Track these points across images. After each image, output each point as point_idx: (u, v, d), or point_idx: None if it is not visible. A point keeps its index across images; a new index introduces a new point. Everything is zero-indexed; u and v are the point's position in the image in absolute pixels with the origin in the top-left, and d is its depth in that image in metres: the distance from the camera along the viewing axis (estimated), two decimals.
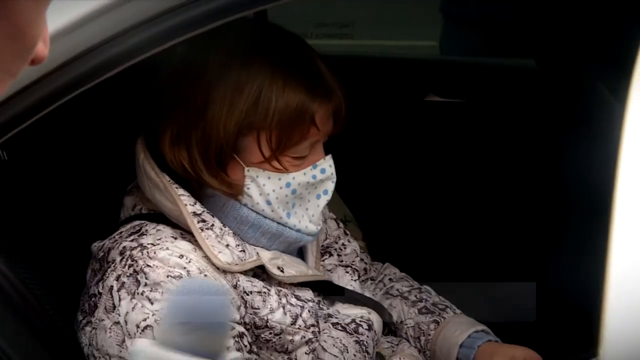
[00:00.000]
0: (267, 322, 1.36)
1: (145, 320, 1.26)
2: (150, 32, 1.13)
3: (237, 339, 1.30)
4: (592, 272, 0.92)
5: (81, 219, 1.55)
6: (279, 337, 1.37)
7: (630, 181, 0.87)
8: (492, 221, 2.27)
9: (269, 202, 1.38)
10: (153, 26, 1.13)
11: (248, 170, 1.36)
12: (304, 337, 1.39)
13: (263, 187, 1.37)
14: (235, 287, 1.34)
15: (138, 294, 1.27)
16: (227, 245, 1.35)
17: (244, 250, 1.36)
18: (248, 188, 1.37)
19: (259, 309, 1.35)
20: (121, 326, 1.28)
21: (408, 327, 1.64)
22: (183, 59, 1.38)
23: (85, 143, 1.61)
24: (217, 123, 1.32)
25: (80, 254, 1.43)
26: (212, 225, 1.35)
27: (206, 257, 1.32)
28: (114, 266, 1.31)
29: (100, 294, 1.31)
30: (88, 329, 1.32)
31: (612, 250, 0.81)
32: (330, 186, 1.42)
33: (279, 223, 1.40)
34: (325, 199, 1.42)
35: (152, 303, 1.27)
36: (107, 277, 1.31)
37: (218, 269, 1.32)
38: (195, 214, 1.35)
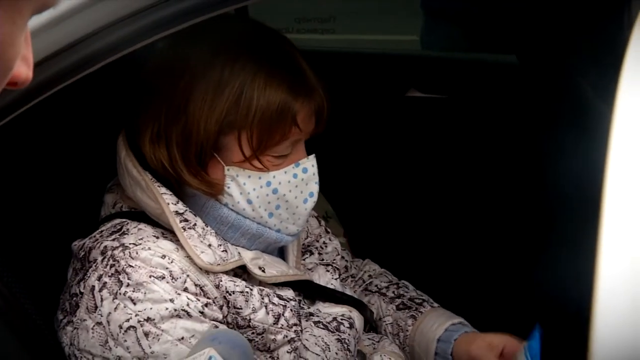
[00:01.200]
0: (250, 322, 1.35)
1: (128, 320, 1.26)
2: (132, 28, 1.12)
3: None
4: (581, 273, 0.92)
5: (60, 216, 1.53)
6: (262, 337, 1.37)
7: (617, 178, 0.86)
8: (474, 217, 2.28)
9: (249, 202, 1.37)
10: (135, 21, 1.12)
11: (228, 170, 1.35)
12: (287, 336, 1.39)
13: (243, 186, 1.36)
14: (217, 287, 1.33)
15: (120, 294, 1.26)
16: (210, 245, 1.34)
17: (226, 250, 1.35)
18: (228, 187, 1.36)
19: (241, 309, 1.35)
20: (104, 327, 1.27)
21: (387, 324, 1.65)
22: (165, 55, 1.37)
23: (65, 140, 1.60)
24: (197, 121, 1.31)
25: (59, 252, 1.42)
26: (195, 224, 1.34)
27: (188, 257, 1.31)
28: (95, 266, 1.30)
29: (81, 293, 1.30)
30: (69, 328, 1.31)
31: (601, 252, 0.81)
32: (315, 188, 1.41)
33: (259, 223, 1.39)
34: (312, 201, 1.42)
35: (134, 303, 1.26)
36: (89, 276, 1.30)
37: (200, 269, 1.32)
38: (177, 213, 1.34)
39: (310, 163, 1.40)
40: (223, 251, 1.35)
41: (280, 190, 1.37)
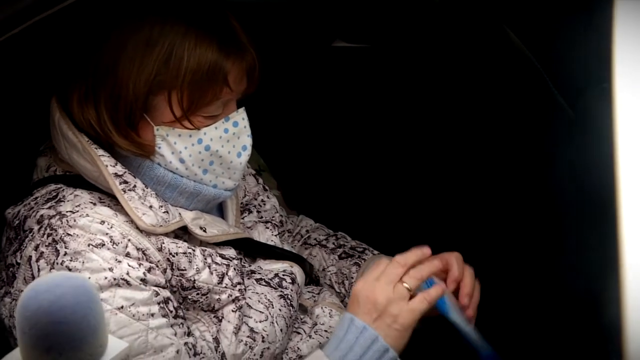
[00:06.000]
0: (194, 282, 1.35)
1: None
2: None
3: (162, 305, 1.29)
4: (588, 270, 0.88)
5: None
6: (206, 297, 1.37)
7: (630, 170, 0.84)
8: (402, 167, 2.29)
9: (182, 160, 1.36)
10: None
11: (157, 130, 1.33)
12: (231, 295, 1.39)
13: (174, 145, 1.34)
14: (160, 249, 1.32)
15: (57, 263, 1.24)
16: (151, 207, 1.33)
17: (167, 212, 1.35)
18: (159, 147, 1.34)
19: (185, 270, 1.34)
20: None
21: (332, 274, 1.66)
22: (92, 14, 1.33)
23: None
24: (126, 81, 1.29)
25: None
26: (135, 186, 1.33)
27: (128, 221, 1.30)
28: (31, 235, 1.28)
29: (18, 264, 1.28)
30: (7, 299, 1.29)
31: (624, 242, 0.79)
32: (248, 141, 1.41)
33: (195, 181, 1.38)
34: (246, 154, 1.41)
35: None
36: (25, 246, 1.28)
37: (141, 232, 1.30)
38: (116, 175, 1.32)
39: (240, 116, 1.39)
40: (164, 212, 1.34)
41: (212, 146, 1.37)
